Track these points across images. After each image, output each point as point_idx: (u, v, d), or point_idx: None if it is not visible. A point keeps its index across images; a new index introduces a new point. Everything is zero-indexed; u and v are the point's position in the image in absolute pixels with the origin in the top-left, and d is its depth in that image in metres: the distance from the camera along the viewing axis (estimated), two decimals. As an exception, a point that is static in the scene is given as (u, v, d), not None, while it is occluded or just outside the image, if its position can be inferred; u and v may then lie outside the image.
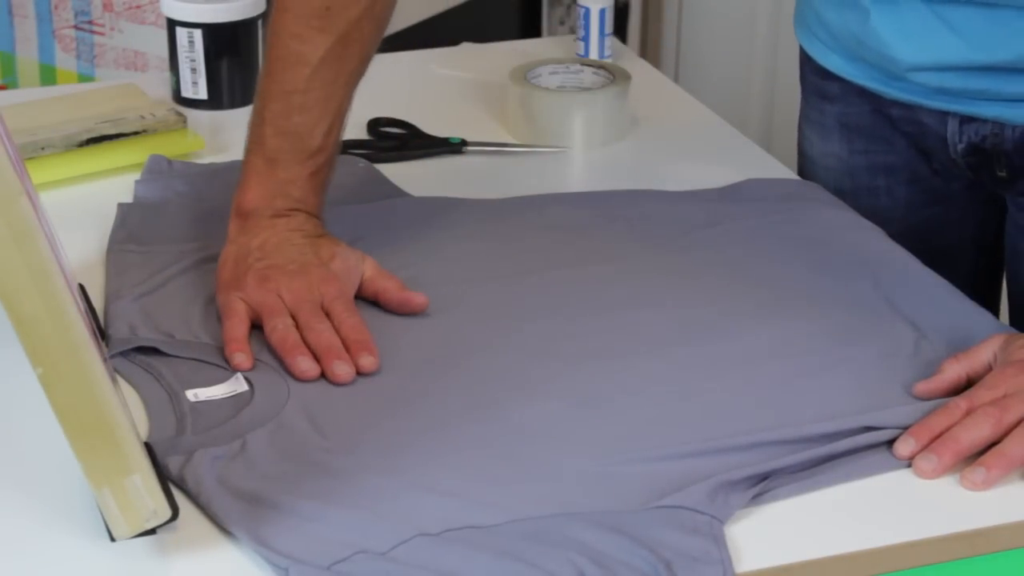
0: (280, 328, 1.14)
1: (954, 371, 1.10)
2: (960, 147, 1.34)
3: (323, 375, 1.12)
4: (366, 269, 1.22)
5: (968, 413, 1.04)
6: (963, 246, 1.44)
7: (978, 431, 1.02)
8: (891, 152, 1.41)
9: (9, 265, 0.84)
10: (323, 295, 1.18)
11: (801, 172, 1.49)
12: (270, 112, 1.25)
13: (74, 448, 0.88)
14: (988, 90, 1.28)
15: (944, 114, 1.33)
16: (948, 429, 1.03)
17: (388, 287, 1.21)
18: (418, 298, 1.20)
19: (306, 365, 1.11)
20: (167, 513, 0.92)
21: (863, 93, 1.39)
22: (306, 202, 1.25)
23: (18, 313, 0.85)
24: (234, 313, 1.16)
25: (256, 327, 1.16)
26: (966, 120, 1.32)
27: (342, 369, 1.11)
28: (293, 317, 1.16)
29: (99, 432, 0.88)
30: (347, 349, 1.13)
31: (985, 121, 1.31)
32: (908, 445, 1.03)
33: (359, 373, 1.12)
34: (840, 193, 1.41)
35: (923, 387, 1.10)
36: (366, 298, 1.22)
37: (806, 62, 1.46)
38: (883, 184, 1.43)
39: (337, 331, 1.14)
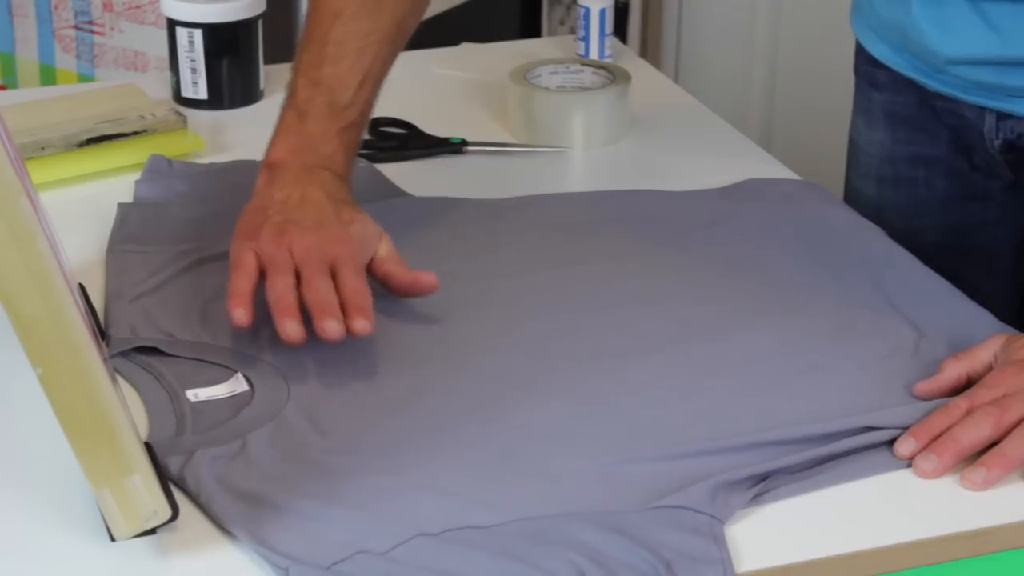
0: (279, 286, 1.12)
1: (954, 371, 1.10)
2: (997, 143, 1.33)
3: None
4: (382, 245, 1.20)
5: (968, 413, 1.04)
6: (1001, 247, 1.43)
7: (978, 431, 1.02)
8: (933, 144, 1.41)
9: (9, 265, 0.84)
10: (334, 256, 1.15)
11: (848, 158, 1.49)
12: (302, 63, 1.26)
13: (74, 448, 0.88)
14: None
15: (982, 109, 1.33)
16: (948, 429, 1.03)
17: (397, 271, 1.19)
18: (427, 277, 1.18)
19: (292, 328, 1.09)
20: (167, 513, 0.92)
21: (910, 84, 1.39)
22: (333, 160, 1.24)
23: (18, 313, 0.85)
24: (243, 266, 1.15)
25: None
26: (1003, 116, 1.32)
27: (331, 326, 1.09)
28: (299, 273, 1.14)
29: (99, 432, 0.88)
30: (344, 311, 1.11)
31: (1020, 119, 1.31)
32: (908, 445, 1.03)
33: (350, 333, 1.10)
34: (880, 181, 1.41)
35: (923, 387, 1.09)
36: (375, 278, 1.20)
37: (859, 51, 1.46)
38: (922, 176, 1.42)
39: (339, 292, 1.13)
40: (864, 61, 1.45)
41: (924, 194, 1.42)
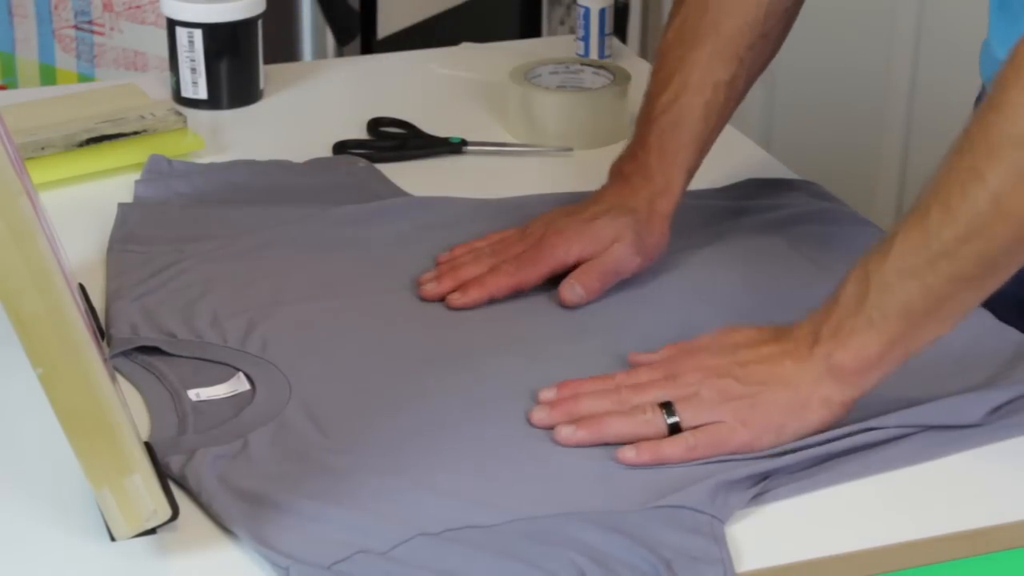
0: (464, 252, 1.26)
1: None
2: None
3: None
4: (616, 246, 1.24)
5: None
6: None
7: (600, 404, 1.05)
8: None
9: (9, 265, 0.84)
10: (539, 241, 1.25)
11: None
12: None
13: (74, 448, 0.88)
14: None
15: None
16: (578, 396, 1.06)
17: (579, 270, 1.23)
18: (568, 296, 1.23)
19: (427, 287, 1.22)
20: (167, 513, 0.92)
21: None
22: (646, 166, 1.28)
23: (18, 313, 0.85)
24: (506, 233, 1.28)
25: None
26: None
27: (431, 290, 1.22)
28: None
29: (99, 432, 0.88)
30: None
31: None
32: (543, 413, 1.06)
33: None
34: None
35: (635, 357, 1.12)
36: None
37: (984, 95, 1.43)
38: None
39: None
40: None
41: None
